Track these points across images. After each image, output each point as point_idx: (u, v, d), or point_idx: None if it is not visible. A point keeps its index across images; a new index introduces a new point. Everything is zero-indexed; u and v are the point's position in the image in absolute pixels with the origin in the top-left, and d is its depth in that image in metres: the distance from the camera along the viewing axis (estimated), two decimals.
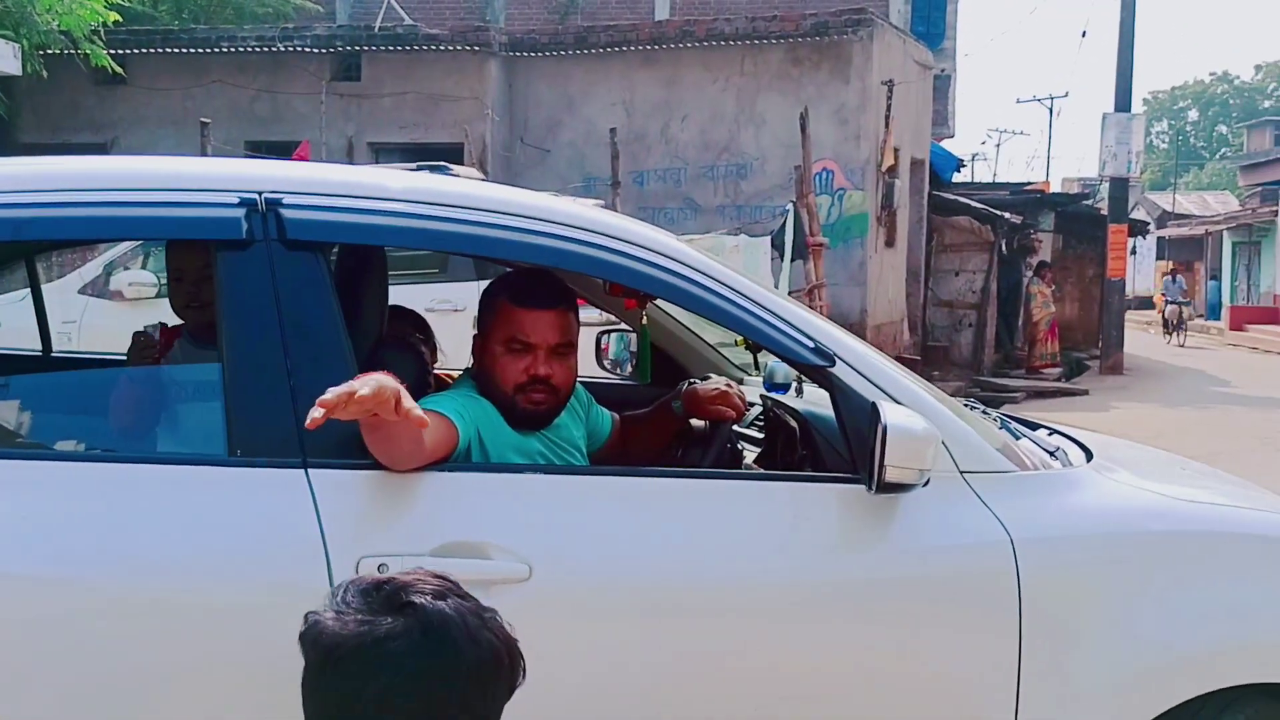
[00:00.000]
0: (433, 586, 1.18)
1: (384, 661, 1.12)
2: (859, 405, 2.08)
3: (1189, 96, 62.98)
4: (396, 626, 1.14)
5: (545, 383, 2.23)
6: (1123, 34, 15.56)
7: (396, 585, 1.18)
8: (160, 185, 2.08)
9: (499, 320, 2.25)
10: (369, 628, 1.14)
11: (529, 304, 2.24)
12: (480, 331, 2.29)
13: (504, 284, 2.31)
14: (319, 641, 1.17)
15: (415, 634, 1.14)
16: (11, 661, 1.79)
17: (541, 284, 2.28)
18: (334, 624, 1.16)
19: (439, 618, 1.15)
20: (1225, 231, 30.60)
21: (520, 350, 2.22)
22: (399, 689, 1.12)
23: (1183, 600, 2.17)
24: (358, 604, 1.17)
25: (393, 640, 1.13)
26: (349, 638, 1.14)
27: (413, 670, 1.13)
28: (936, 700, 2.08)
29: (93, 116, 12.40)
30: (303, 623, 1.23)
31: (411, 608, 1.16)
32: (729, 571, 2.02)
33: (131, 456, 1.98)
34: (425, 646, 1.13)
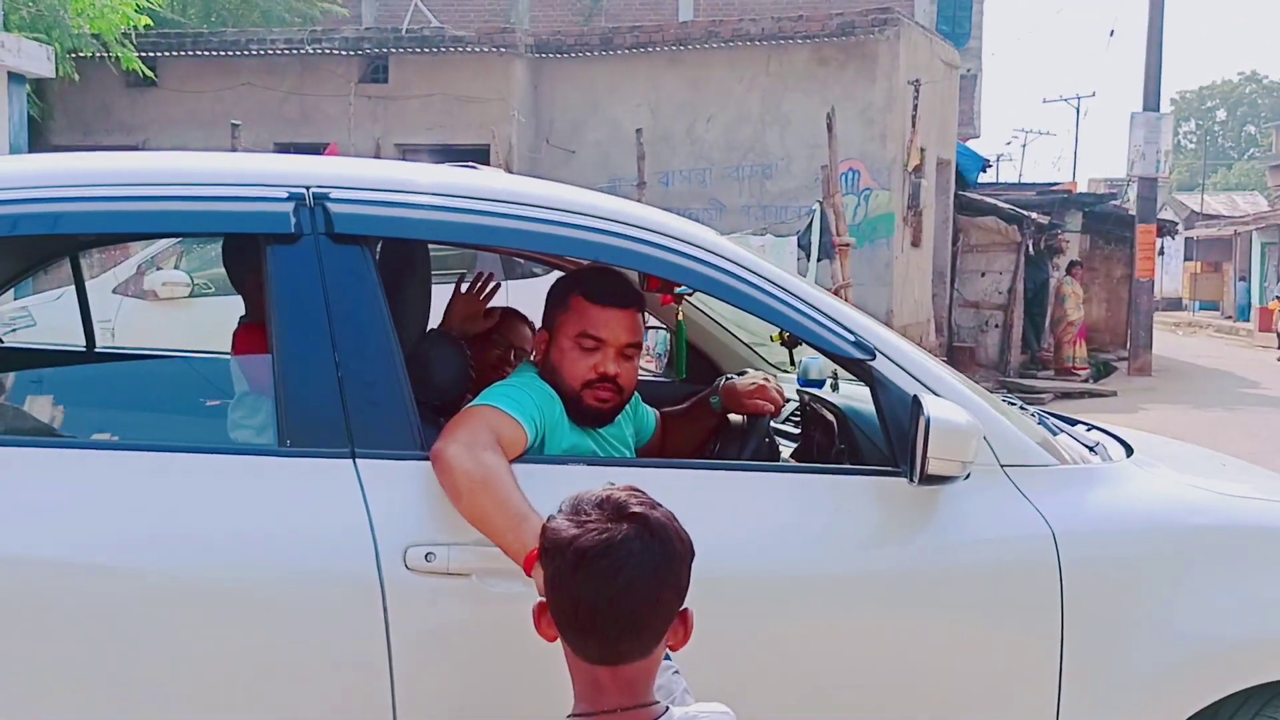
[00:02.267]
0: (641, 499, 1.52)
1: (627, 558, 1.46)
2: (899, 398, 2.08)
3: (1217, 96, 62.37)
4: (630, 530, 1.47)
5: (613, 381, 2.22)
6: (1151, 33, 15.44)
7: (618, 499, 1.51)
8: (208, 180, 2.11)
9: (572, 315, 2.23)
10: (610, 533, 1.47)
11: (605, 302, 2.22)
12: (548, 325, 2.27)
13: (578, 280, 2.29)
14: (573, 545, 1.47)
15: (645, 536, 1.48)
16: (66, 647, 1.82)
17: (618, 283, 2.27)
18: (578, 531, 1.48)
19: (657, 522, 1.50)
20: (1254, 232, 30.27)
21: (591, 348, 2.20)
22: (638, 577, 1.46)
23: (1225, 594, 2.16)
24: (596, 514, 1.49)
25: (630, 542, 1.47)
26: (600, 541, 1.46)
27: (646, 561, 1.47)
28: (978, 693, 2.08)
29: (123, 119, 12.55)
30: (544, 534, 1.53)
31: (638, 516, 1.49)
32: (769, 563, 2.03)
33: (185, 446, 2.01)
34: (652, 545, 1.48)
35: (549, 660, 1.82)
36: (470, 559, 1.89)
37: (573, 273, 2.34)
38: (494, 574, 1.89)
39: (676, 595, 1.52)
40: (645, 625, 1.48)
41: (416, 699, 1.88)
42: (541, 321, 2.30)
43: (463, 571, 1.88)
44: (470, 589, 1.88)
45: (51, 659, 1.82)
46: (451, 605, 1.88)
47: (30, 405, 2.44)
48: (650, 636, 1.49)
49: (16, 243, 2.77)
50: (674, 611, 1.52)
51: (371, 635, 1.86)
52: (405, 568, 1.87)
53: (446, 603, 1.88)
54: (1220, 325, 27.70)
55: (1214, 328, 27.68)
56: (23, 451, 1.98)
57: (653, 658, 1.51)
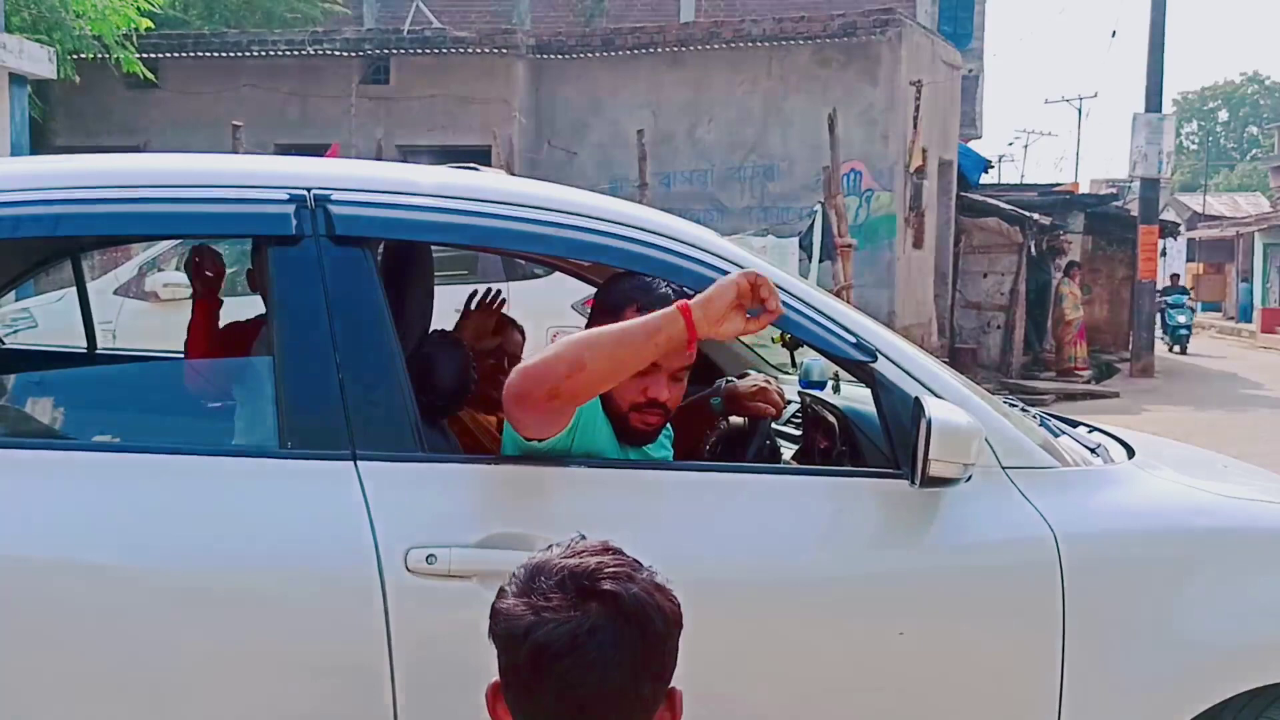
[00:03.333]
0: (613, 568, 1.25)
1: (598, 653, 1.21)
2: (901, 400, 2.08)
3: (1219, 97, 62.33)
4: (600, 618, 1.21)
5: (661, 406, 2.12)
6: (1153, 34, 15.43)
7: (585, 572, 1.24)
8: (209, 182, 2.11)
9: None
10: (575, 623, 1.21)
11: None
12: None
13: (635, 293, 2.12)
14: (529, 638, 1.22)
15: (619, 622, 1.22)
16: (66, 649, 1.82)
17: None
18: (536, 619, 1.22)
19: (634, 603, 1.23)
20: (1256, 233, 30.25)
21: (644, 371, 2.03)
22: (611, 673, 1.21)
23: (1227, 597, 2.16)
24: (557, 597, 1.23)
25: (600, 632, 1.21)
26: (562, 635, 1.20)
27: (620, 655, 1.22)
28: (980, 695, 2.08)
29: (125, 120, 12.55)
30: (494, 617, 1.28)
31: (608, 595, 1.23)
32: (771, 565, 2.02)
33: (186, 448, 2.01)
34: (629, 632, 1.22)
35: None
36: (472, 561, 1.88)
37: (627, 283, 2.16)
38: (496, 576, 1.87)
39: (661, 681, 1.27)
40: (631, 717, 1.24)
41: (417, 702, 1.88)
42: (588, 326, 2.12)
43: (464, 574, 1.88)
44: (471, 591, 1.87)
45: (52, 660, 1.82)
46: (453, 608, 1.88)
47: (31, 407, 2.44)
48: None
49: (18, 244, 2.77)
50: (658, 700, 1.27)
51: (372, 638, 1.85)
52: (406, 570, 1.86)
53: (448, 605, 1.88)
54: (1222, 326, 27.67)
55: (1216, 329, 27.65)
56: (24, 454, 1.98)
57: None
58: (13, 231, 2.08)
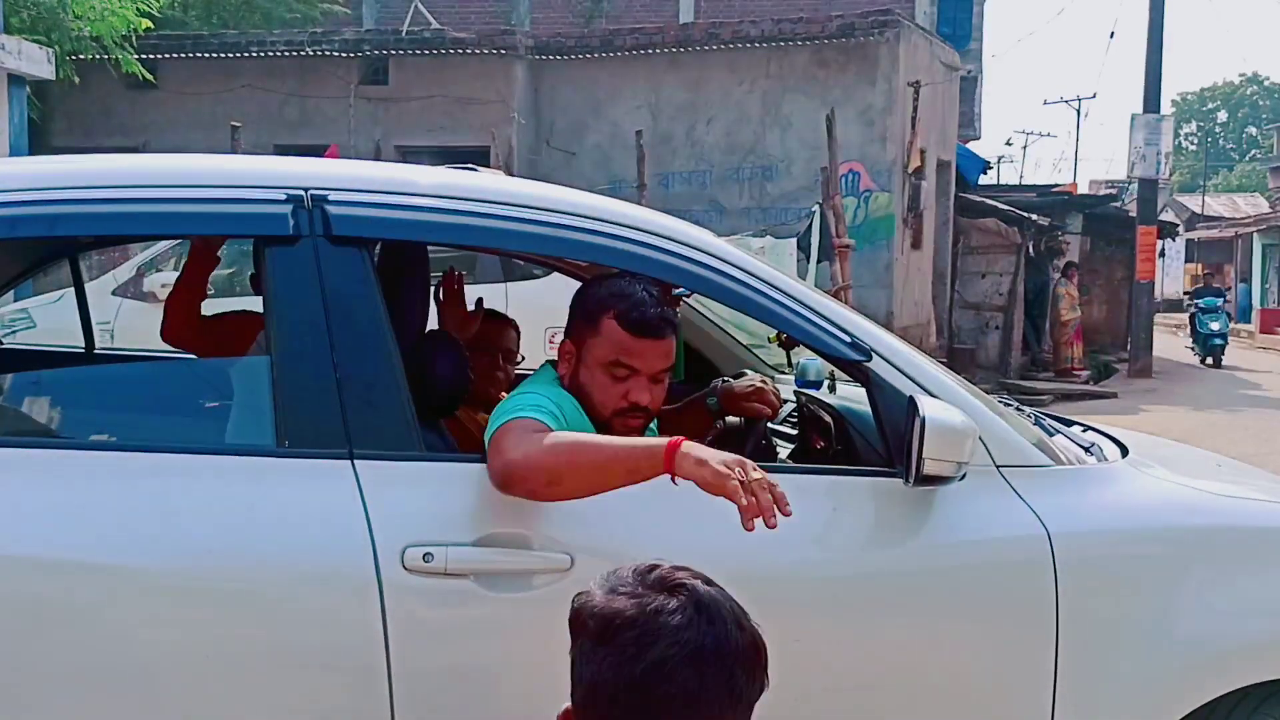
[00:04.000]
0: (697, 574, 1.23)
1: (662, 631, 1.16)
2: (896, 399, 2.09)
3: (1218, 98, 62.36)
4: (672, 601, 1.19)
5: (644, 411, 2.14)
6: (1152, 35, 15.45)
7: (664, 571, 1.22)
8: (207, 182, 2.12)
9: (604, 340, 2.10)
10: (644, 601, 1.18)
11: (645, 334, 2.10)
12: (576, 340, 2.15)
13: (611, 301, 2.12)
14: (598, 613, 1.19)
15: (690, 609, 1.19)
16: (64, 648, 1.83)
17: (654, 309, 2.11)
18: (608, 598, 1.20)
19: (709, 598, 1.20)
20: (1255, 234, 30.28)
21: (624, 376, 2.10)
22: (675, 658, 1.16)
23: (1220, 595, 2.17)
24: (632, 583, 1.21)
25: (669, 613, 1.17)
26: (628, 608, 1.18)
27: (688, 640, 1.17)
28: (974, 693, 2.09)
29: (124, 121, 12.56)
30: (573, 604, 1.26)
31: (683, 588, 1.21)
32: (767, 563, 2.03)
33: (182, 447, 2.02)
34: (699, 622, 1.18)
35: (547, 661, 1.83)
36: (468, 560, 1.89)
37: (603, 290, 2.15)
38: (493, 575, 1.90)
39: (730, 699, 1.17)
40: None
41: (414, 699, 1.88)
42: (567, 331, 2.17)
43: (461, 572, 1.89)
44: (468, 590, 1.89)
45: (50, 659, 1.82)
46: (449, 606, 1.89)
47: (30, 406, 2.44)
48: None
49: (16, 244, 2.78)
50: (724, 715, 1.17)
51: (369, 636, 1.86)
52: (403, 568, 1.87)
53: (444, 603, 1.89)
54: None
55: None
56: (22, 453, 1.99)
57: None
58: (11, 231, 2.08)
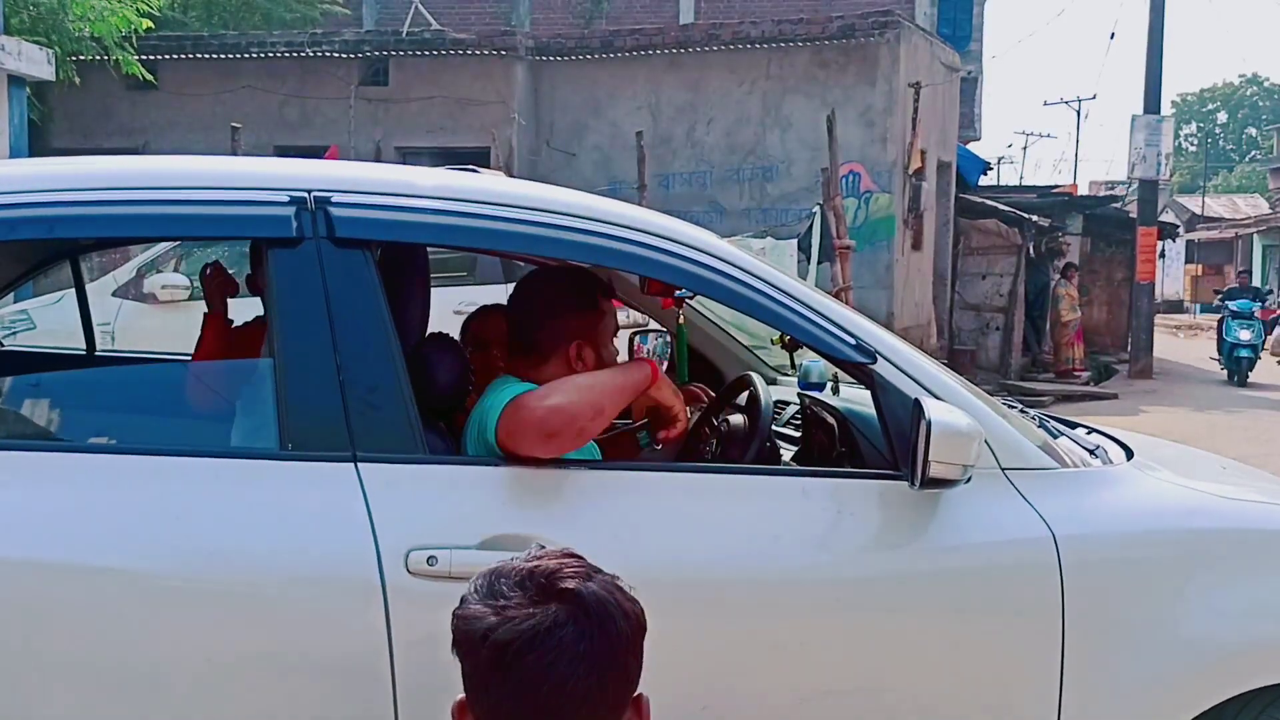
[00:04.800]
0: (574, 569, 1.24)
1: (559, 651, 1.18)
2: (901, 402, 2.08)
3: (1218, 99, 62.37)
4: (561, 614, 1.20)
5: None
6: (1152, 36, 15.45)
7: (545, 573, 1.22)
8: (209, 184, 2.11)
9: (604, 316, 2.31)
10: (536, 620, 1.19)
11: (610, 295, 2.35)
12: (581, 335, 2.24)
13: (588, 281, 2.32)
14: (490, 638, 1.20)
15: (580, 619, 1.20)
16: (66, 651, 1.82)
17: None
18: (498, 619, 1.20)
19: (595, 600, 1.21)
20: (1255, 235, 30.31)
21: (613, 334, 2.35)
22: (572, 672, 1.19)
23: (1226, 597, 2.16)
24: (517, 597, 1.21)
25: (560, 629, 1.19)
26: (523, 632, 1.18)
27: (582, 651, 1.20)
28: (980, 696, 2.08)
29: (124, 122, 12.55)
30: (455, 624, 1.26)
31: (569, 594, 1.21)
32: (771, 567, 2.03)
33: (186, 450, 2.01)
34: (590, 629, 1.20)
35: None
36: (472, 563, 1.87)
37: (564, 278, 2.34)
38: None
39: (626, 685, 1.25)
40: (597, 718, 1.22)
41: (418, 703, 1.87)
42: (567, 333, 2.23)
43: (465, 575, 1.85)
44: None
45: (52, 662, 1.82)
46: (453, 609, 1.88)
47: (31, 409, 2.44)
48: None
49: (17, 246, 2.77)
50: (623, 704, 1.25)
51: (373, 639, 1.85)
52: (407, 571, 1.86)
53: (448, 607, 1.86)
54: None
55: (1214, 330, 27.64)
56: (24, 455, 1.98)
57: None
58: (10, 233, 2.08)
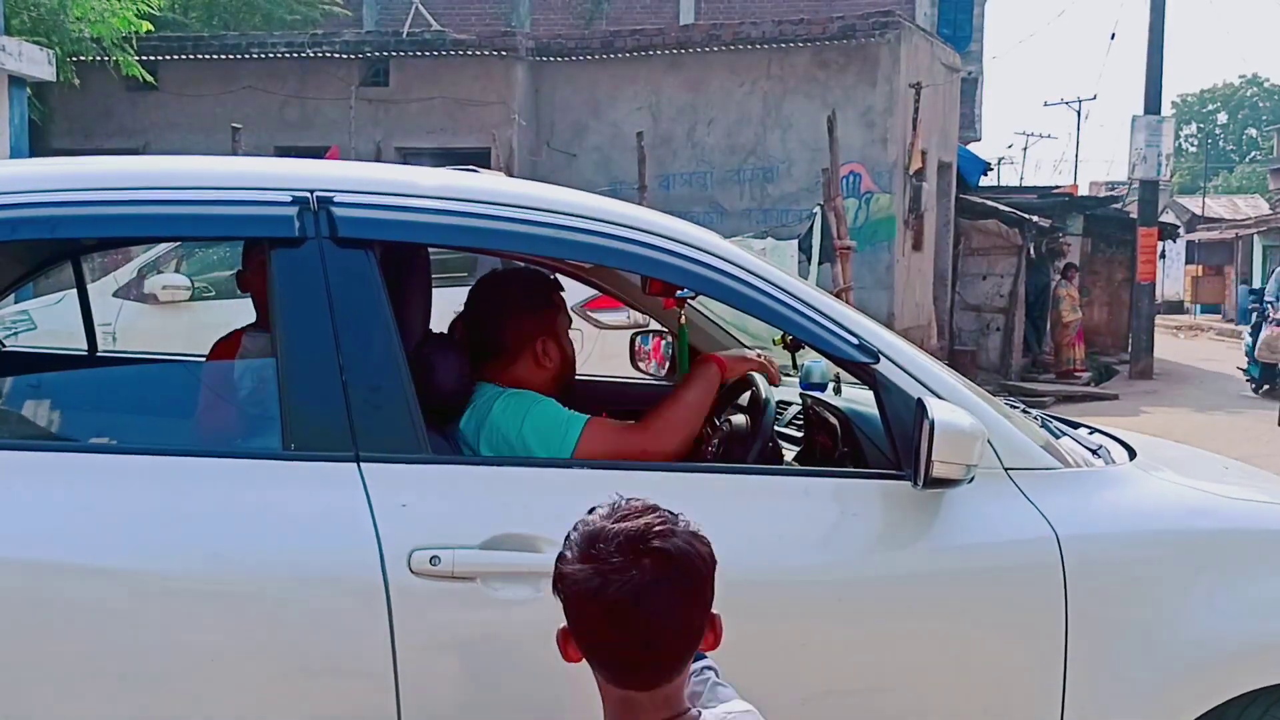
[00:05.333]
0: (659, 527, 1.47)
1: (656, 600, 1.44)
2: (903, 401, 2.08)
3: (1218, 99, 62.38)
4: (656, 572, 1.45)
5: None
6: (1152, 36, 15.45)
7: (637, 534, 1.46)
8: (212, 184, 2.11)
9: (558, 312, 2.49)
10: (635, 578, 1.44)
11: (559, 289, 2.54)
12: (546, 331, 2.44)
13: (542, 281, 2.55)
14: (600, 598, 1.45)
15: (671, 573, 1.45)
16: (69, 652, 1.82)
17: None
18: (600, 581, 1.45)
19: (680, 554, 1.47)
20: (1255, 235, 30.29)
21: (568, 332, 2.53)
22: (669, 615, 1.46)
23: (1229, 597, 2.16)
24: (618, 560, 1.45)
25: (656, 585, 1.44)
26: (628, 593, 1.44)
27: (676, 598, 1.46)
28: (983, 696, 2.08)
29: (124, 122, 12.55)
30: (561, 580, 1.49)
31: (659, 552, 1.46)
32: (774, 567, 2.02)
33: (188, 449, 2.01)
34: (679, 579, 1.46)
35: (554, 664, 1.82)
36: (475, 562, 1.88)
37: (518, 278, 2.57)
38: (499, 578, 1.89)
39: (705, 610, 1.51)
40: (681, 652, 1.49)
41: (421, 703, 1.87)
42: (532, 333, 2.43)
43: (468, 575, 1.88)
44: (475, 593, 1.88)
45: (55, 662, 1.82)
46: (456, 609, 1.88)
47: (33, 409, 2.44)
48: (685, 657, 1.50)
49: (19, 247, 2.77)
50: (705, 624, 1.51)
51: (376, 639, 1.85)
52: (410, 571, 1.86)
53: (451, 606, 1.88)
54: (1222, 329, 27.67)
55: (1215, 331, 27.65)
56: (27, 455, 1.98)
57: (686, 672, 1.51)
58: (12, 234, 2.07)
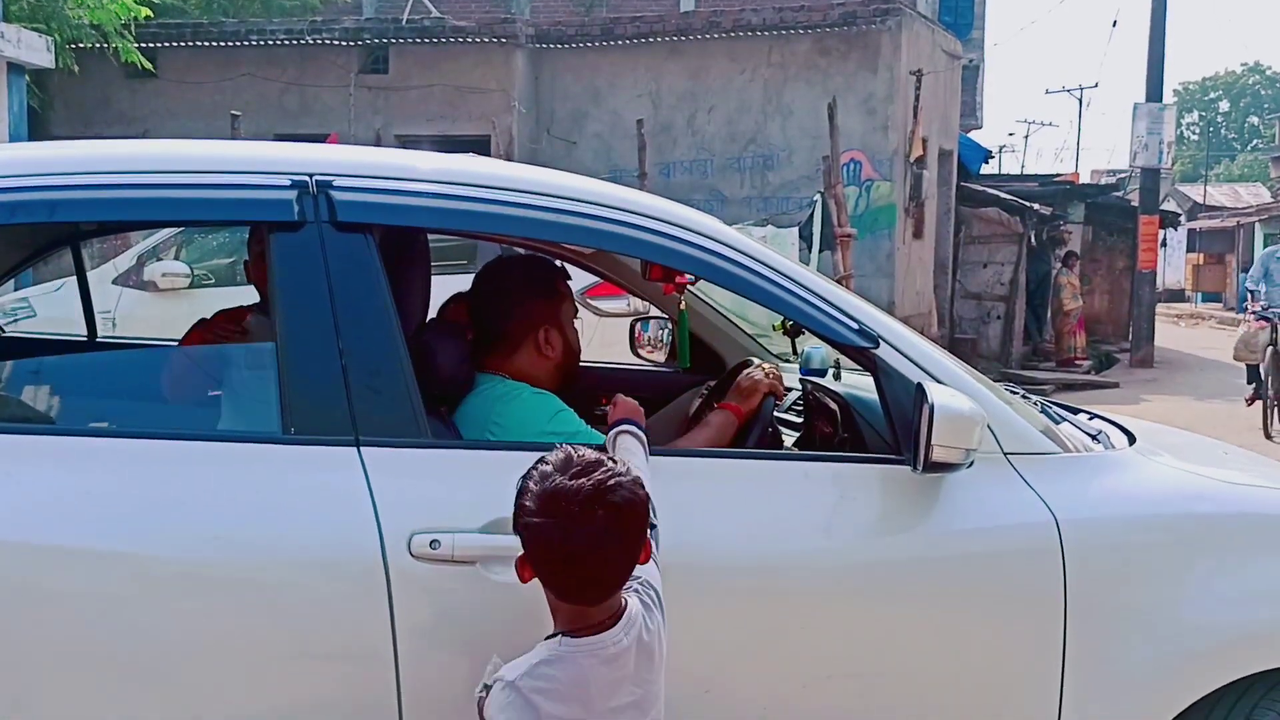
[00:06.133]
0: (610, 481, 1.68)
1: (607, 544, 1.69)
2: (903, 386, 2.08)
3: (1220, 87, 62.20)
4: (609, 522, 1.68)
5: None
6: (1154, 23, 15.40)
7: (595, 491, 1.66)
8: (211, 168, 2.11)
9: (564, 300, 2.48)
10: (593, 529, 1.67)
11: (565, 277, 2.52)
12: (549, 320, 2.43)
13: (545, 267, 2.54)
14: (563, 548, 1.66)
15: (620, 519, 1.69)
16: (69, 635, 1.82)
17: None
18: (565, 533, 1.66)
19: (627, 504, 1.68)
20: (1257, 223, 30.25)
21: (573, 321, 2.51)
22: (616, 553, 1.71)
23: (1228, 582, 2.16)
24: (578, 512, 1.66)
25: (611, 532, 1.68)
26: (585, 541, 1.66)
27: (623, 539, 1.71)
28: (982, 679, 2.09)
29: (123, 110, 12.53)
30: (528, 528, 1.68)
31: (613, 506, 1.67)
32: (773, 551, 2.03)
33: (189, 434, 2.01)
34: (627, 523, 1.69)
35: None
36: (475, 546, 1.89)
37: (523, 266, 2.59)
38: (498, 561, 1.89)
39: (641, 540, 1.73)
40: (625, 575, 1.72)
41: (421, 686, 1.88)
42: (536, 319, 2.42)
43: (467, 559, 1.88)
44: (474, 576, 1.88)
45: (55, 646, 1.82)
46: (456, 592, 1.89)
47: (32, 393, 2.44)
48: (627, 576, 1.73)
49: (18, 231, 2.77)
50: (641, 550, 1.73)
51: (376, 623, 1.86)
52: (410, 555, 1.87)
53: (451, 590, 1.89)
54: (1223, 317, 27.66)
55: (1216, 319, 27.64)
56: (27, 439, 1.98)
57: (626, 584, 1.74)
58: (10, 217, 2.07)
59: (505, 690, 1.64)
